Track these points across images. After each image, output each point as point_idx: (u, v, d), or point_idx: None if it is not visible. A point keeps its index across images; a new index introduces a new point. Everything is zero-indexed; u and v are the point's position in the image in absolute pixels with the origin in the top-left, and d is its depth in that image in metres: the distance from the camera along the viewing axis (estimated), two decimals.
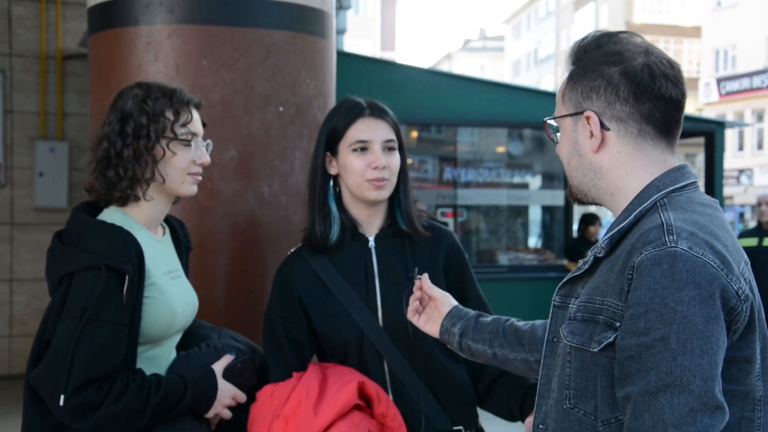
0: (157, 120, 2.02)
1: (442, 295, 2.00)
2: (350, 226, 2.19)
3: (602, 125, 1.47)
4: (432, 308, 1.99)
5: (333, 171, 2.20)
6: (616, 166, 1.48)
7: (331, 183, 2.21)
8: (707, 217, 1.40)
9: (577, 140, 1.51)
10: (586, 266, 1.50)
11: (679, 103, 1.47)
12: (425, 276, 2.00)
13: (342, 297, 2.14)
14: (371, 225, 2.21)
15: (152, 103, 2.03)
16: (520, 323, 1.89)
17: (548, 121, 1.58)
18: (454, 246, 2.25)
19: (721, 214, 1.45)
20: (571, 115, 1.52)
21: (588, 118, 1.48)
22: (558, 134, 1.57)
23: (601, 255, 1.47)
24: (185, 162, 2.06)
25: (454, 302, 1.99)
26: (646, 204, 1.44)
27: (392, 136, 2.18)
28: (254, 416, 2.08)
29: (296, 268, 2.20)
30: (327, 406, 1.98)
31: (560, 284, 1.58)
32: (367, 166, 2.13)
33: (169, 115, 2.04)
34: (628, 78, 1.44)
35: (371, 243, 2.19)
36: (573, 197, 1.59)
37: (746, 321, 1.35)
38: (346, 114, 2.18)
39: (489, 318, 1.94)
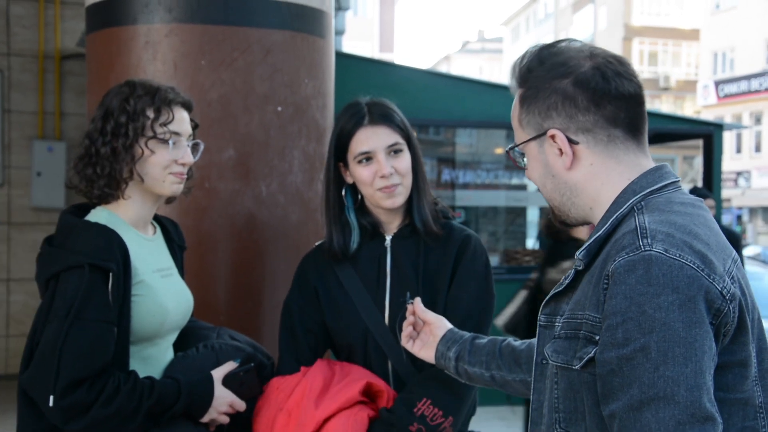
0: (137, 118, 2.00)
1: (436, 318, 1.94)
2: (370, 228, 2.20)
3: (569, 140, 1.41)
4: (426, 333, 1.93)
5: (350, 180, 2.20)
6: (591, 179, 1.42)
7: (351, 190, 2.21)
8: (687, 216, 1.33)
9: (548, 161, 1.44)
10: (568, 281, 1.43)
11: (639, 96, 1.41)
12: (417, 300, 1.96)
13: (353, 294, 2.16)
14: (391, 225, 2.22)
15: (134, 101, 2.01)
16: (517, 342, 1.83)
17: (512, 149, 1.51)
18: (463, 243, 2.19)
19: (705, 212, 1.38)
20: (534, 138, 1.45)
21: (553, 136, 1.41)
22: (525, 159, 1.50)
23: (581, 268, 1.39)
24: (164, 161, 2.03)
25: (449, 325, 1.93)
26: (622, 209, 1.37)
27: (396, 139, 2.15)
28: (259, 408, 2.11)
29: (316, 260, 2.24)
30: (329, 400, 2.00)
31: (544, 302, 1.49)
32: (374, 175, 2.12)
33: (150, 113, 2.01)
34: (582, 86, 1.38)
35: (387, 242, 2.20)
36: (558, 221, 1.52)
37: (736, 322, 1.28)
38: (346, 124, 2.16)
39: (485, 339, 1.87)
